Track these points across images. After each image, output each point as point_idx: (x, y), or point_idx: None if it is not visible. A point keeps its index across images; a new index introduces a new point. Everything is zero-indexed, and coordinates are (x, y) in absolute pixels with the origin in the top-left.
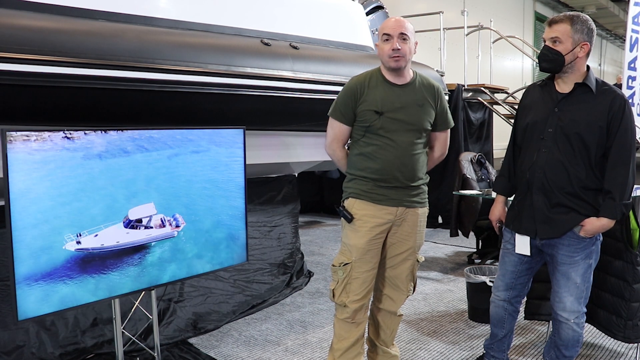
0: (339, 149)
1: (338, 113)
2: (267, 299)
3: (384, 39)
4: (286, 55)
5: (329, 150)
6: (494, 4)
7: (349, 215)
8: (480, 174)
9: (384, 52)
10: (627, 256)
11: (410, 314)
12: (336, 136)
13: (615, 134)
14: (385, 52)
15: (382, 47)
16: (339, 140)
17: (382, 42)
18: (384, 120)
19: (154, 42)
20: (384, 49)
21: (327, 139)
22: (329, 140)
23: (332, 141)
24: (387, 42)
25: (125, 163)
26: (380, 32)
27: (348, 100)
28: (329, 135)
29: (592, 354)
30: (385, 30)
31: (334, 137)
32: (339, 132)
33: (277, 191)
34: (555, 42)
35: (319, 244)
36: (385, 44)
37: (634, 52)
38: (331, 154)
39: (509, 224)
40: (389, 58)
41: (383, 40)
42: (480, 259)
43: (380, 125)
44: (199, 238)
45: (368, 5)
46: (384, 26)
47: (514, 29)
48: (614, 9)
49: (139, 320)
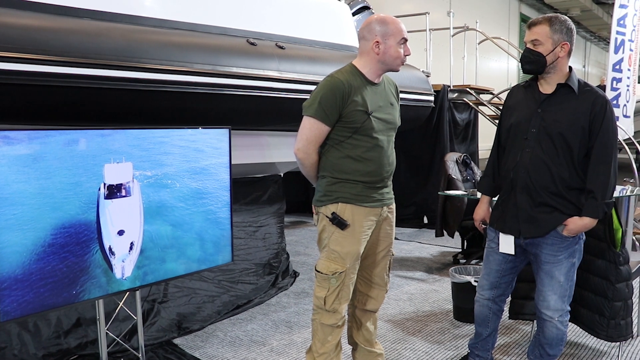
0: (314, 152)
1: (322, 113)
2: (252, 299)
3: (400, 43)
4: (272, 55)
5: (301, 154)
6: (480, 5)
7: (345, 222)
8: (466, 174)
9: (398, 55)
10: (610, 256)
11: (396, 314)
12: (315, 138)
13: (597, 134)
14: (399, 56)
15: (397, 50)
16: (317, 143)
17: (397, 45)
18: (372, 121)
19: (139, 41)
20: (399, 52)
21: (301, 141)
22: (304, 142)
23: (308, 144)
24: (402, 46)
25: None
26: (398, 35)
27: (336, 100)
28: (304, 137)
29: (575, 353)
30: (404, 35)
31: (312, 139)
32: (318, 133)
33: (262, 191)
34: (535, 44)
35: (304, 244)
36: (401, 48)
37: (619, 54)
38: (303, 159)
39: (493, 223)
40: (400, 62)
41: (400, 44)
42: (466, 259)
43: (370, 126)
44: (183, 239)
45: (354, 6)
46: (402, 29)
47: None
48: (598, 11)
49: (123, 321)
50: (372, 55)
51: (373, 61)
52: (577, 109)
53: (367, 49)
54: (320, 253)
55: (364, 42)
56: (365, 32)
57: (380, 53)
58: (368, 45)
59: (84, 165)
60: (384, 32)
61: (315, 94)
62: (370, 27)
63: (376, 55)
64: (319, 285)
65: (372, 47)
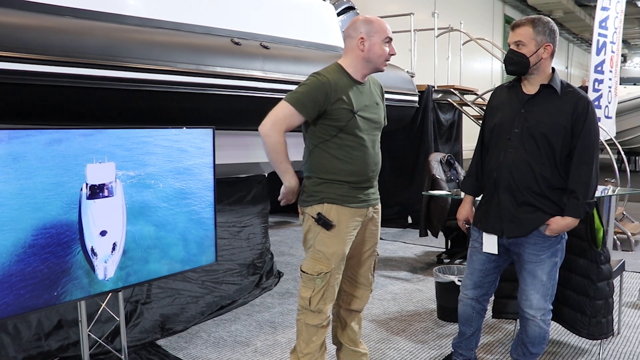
0: (279, 133)
1: (301, 104)
2: (236, 300)
3: (385, 41)
4: (257, 55)
5: (267, 130)
6: (464, 6)
7: (330, 222)
8: (450, 174)
9: (383, 54)
10: (592, 255)
11: (380, 314)
12: (284, 119)
13: (579, 135)
14: (383, 54)
15: (382, 49)
16: (283, 124)
17: (382, 44)
18: (358, 120)
19: (122, 40)
20: (384, 51)
21: (268, 117)
22: (273, 119)
23: (277, 122)
24: (387, 44)
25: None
26: (383, 34)
27: (319, 97)
28: (276, 115)
29: (557, 351)
30: (389, 34)
31: (281, 119)
32: (291, 119)
33: (246, 191)
34: (519, 45)
35: (288, 244)
36: (386, 47)
37: (601, 55)
38: (267, 134)
39: (477, 223)
40: (384, 60)
41: (384, 42)
42: (449, 258)
43: (355, 125)
44: (166, 239)
45: (339, 6)
46: (385, 28)
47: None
48: (580, 13)
49: (106, 322)
50: (357, 53)
51: (358, 59)
52: (559, 109)
53: (353, 46)
54: (306, 253)
55: (349, 40)
56: (350, 31)
57: (365, 50)
58: (353, 43)
59: (66, 165)
60: (369, 30)
61: (300, 87)
62: (356, 26)
63: (361, 53)
64: (304, 286)
65: (357, 44)
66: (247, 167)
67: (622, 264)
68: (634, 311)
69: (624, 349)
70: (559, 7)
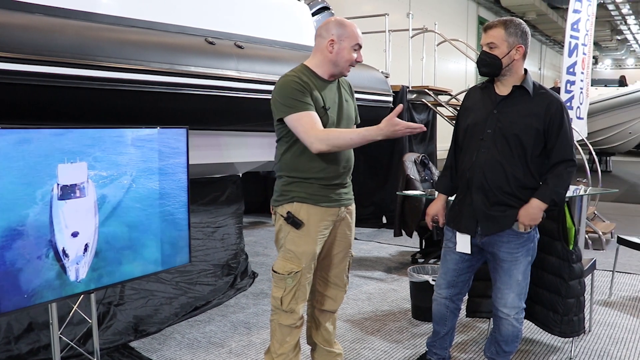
0: (321, 135)
1: (303, 104)
2: (210, 301)
3: (354, 48)
4: (231, 55)
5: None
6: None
7: (299, 221)
8: (424, 174)
9: (349, 59)
10: (563, 254)
11: (355, 314)
12: (313, 122)
13: (556, 136)
14: (350, 60)
15: (350, 54)
16: (318, 124)
17: (350, 49)
18: (329, 117)
19: (94, 38)
20: (351, 57)
21: (308, 137)
22: (311, 134)
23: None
24: (355, 51)
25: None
26: (354, 40)
27: (304, 91)
28: (306, 130)
29: (530, 349)
30: (360, 41)
31: (314, 127)
32: (315, 119)
33: (221, 191)
34: (491, 47)
35: (263, 245)
36: (354, 53)
37: (573, 57)
38: (322, 148)
39: (450, 222)
40: (349, 66)
41: (353, 48)
42: (424, 258)
43: (326, 122)
44: (139, 240)
45: (314, 6)
46: (357, 34)
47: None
48: (553, 15)
49: (78, 325)
50: (325, 54)
51: (325, 60)
52: (531, 110)
53: (322, 47)
54: (278, 253)
55: (319, 40)
56: (322, 31)
57: (334, 53)
58: (323, 44)
59: (36, 166)
60: (341, 34)
61: (281, 96)
62: (328, 27)
63: (329, 54)
64: (275, 286)
65: (327, 45)
66: (222, 167)
67: (594, 263)
68: (604, 309)
69: (595, 346)
70: (532, 9)
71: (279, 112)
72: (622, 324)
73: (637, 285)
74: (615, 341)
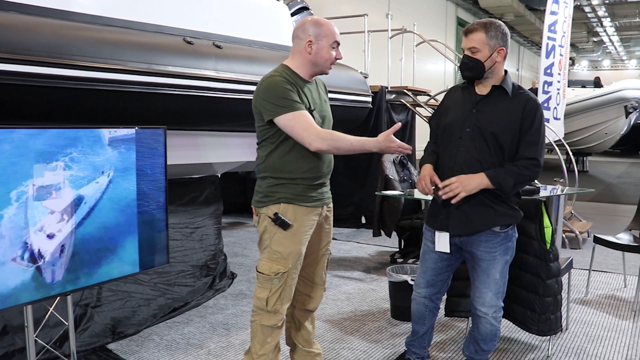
0: (320, 134)
1: (296, 103)
2: (189, 302)
3: (332, 46)
4: (209, 55)
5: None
6: (418, 8)
7: (288, 222)
8: (403, 174)
9: (329, 58)
10: (541, 253)
11: (334, 314)
12: (308, 121)
13: (526, 134)
14: (330, 58)
15: (329, 53)
16: (314, 123)
17: (329, 48)
18: (315, 117)
19: (71, 37)
20: (331, 55)
21: (306, 136)
22: (309, 133)
23: (313, 130)
24: (334, 49)
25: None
26: (332, 38)
27: (294, 93)
28: (303, 128)
29: (508, 348)
30: (337, 38)
31: (309, 124)
32: (309, 118)
33: (199, 192)
34: (473, 51)
35: (242, 245)
36: (332, 51)
37: (550, 58)
38: (321, 147)
39: (429, 222)
40: (330, 64)
41: (332, 46)
42: (403, 258)
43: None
44: (117, 241)
45: (293, 6)
46: (334, 32)
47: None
48: (531, 17)
49: (54, 327)
50: (305, 55)
51: (305, 61)
52: (509, 110)
53: (300, 48)
54: (261, 254)
55: (297, 42)
56: (299, 32)
57: (313, 53)
58: (301, 45)
59: (11, 166)
60: (318, 33)
61: (271, 96)
62: (305, 27)
63: (308, 55)
64: (260, 286)
65: (305, 46)
66: (200, 167)
67: (570, 262)
68: (581, 307)
69: (571, 344)
70: (510, 10)
71: (268, 113)
72: (598, 321)
73: (613, 284)
74: (591, 339)
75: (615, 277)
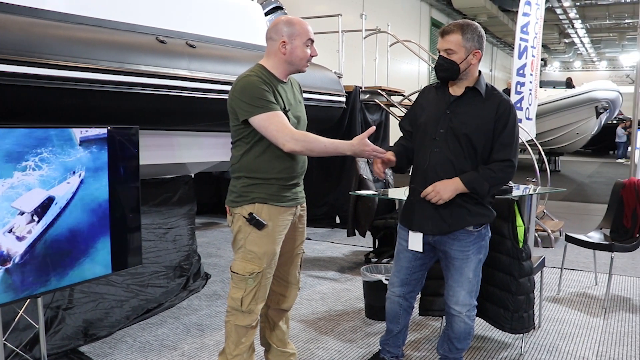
0: (295, 135)
1: (271, 104)
2: (162, 303)
3: (307, 44)
4: (182, 54)
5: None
6: (392, 8)
7: (263, 222)
8: None
9: (304, 56)
10: (513, 252)
11: (308, 314)
12: (283, 122)
13: (499, 136)
14: (305, 57)
15: (303, 51)
16: (288, 124)
17: (303, 46)
18: (290, 118)
19: (41, 35)
20: (306, 54)
21: (280, 137)
22: (283, 134)
23: (285, 131)
24: (308, 47)
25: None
26: (305, 36)
27: (270, 93)
28: (277, 129)
29: (482, 346)
30: (311, 36)
31: (283, 125)
32: (283, 119)
33: (172, 192)
34: (449, 53)
35: (216, 246)
36: (307, 49)
37: (523, 59)
38: (295, 147)
39: (403, 221)
40: (306, 62)
41: (306, 44)
42: (377, 257)
43: (290, 123)
44: (89, 242)
45: (267, 6)
46: (307, 30)
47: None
48: (504, 18)
49: (24, 330)
50: (279, 56)
51: (280, 61)
52: (483, 111)
53: (274, 49)
54: (235, 254)
55: (271, 43)
56: (272, 33)
57: (287, 53)
58: (275, 46)
59: None
60: (291, 33)
61: (246, 96)
62: (277, 28)
63: (283, 56)
64: (235, 287)
65: (279, 47)
66: (173, 167)
67: (543, 260)
68: (553, 305)
69: (544, 341)
70: (484, 11)
71: (243, 113)
72: (570, 319)
73: (585, 282)
74: (563, 336)
75: (586, 275)
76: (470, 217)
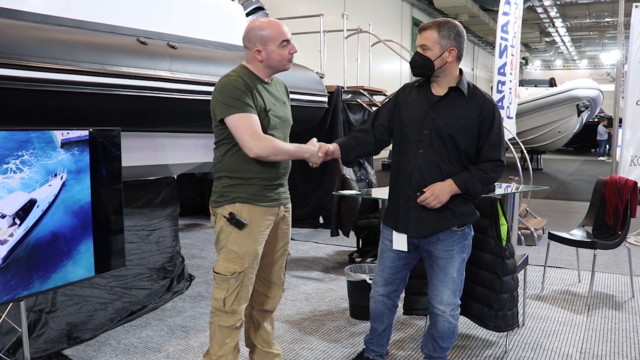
0: (263, 140)
1: (246, 106)
2: (146, 305)
3: (282, 45)
4: (163, 55)
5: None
6: (374, 8)
7: (243, 222)
8: (360, 174)
9: (283, 56)
10: (497, 250)
11: (293, 314)
12: (254, 126)
13: (486, 137)
14: (284, 57)
15: (279, 54)
16: (259, 129)
17: (279, 48)
18: (270, 118)
19: (21, 37)
20: (282, 55)
21: (247, 138)
22: (249, 138)
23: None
24: (285, 47)
25: None
26: (278, 39)
27: (247, 92)
28: (246, 132)
29: (466, 344)
30: (284, 36)
31: (253, 129)
32: (255, 122)
33: (155, 194)
34: (424, 49)
35: (200, 247)
36: (284, 49)
37: (503, 58)
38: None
39: (387, 221)
40: (287, 62)
41: (281, 46)
42: (361, 257)
43: (268, 123)
44: (71, 244)
45: (248, 6)
46: (281, 32)
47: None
48: (485, 17)
49: (7, 334)
50: (257, 63)
51: (260, 66)
52: (466, 111)
53: (251, 57)
54: (218, 254)
55: (247, 51)
56: (246, 42)
57: (264, 59)
58: (250, 54)
59: None
60: (263, 39)
61: (223, 95)
62: (249, 36)
63: (260, 62)
64: (217, 287)
65: (255, 55)
66: (156, 169)
67: (526, 258)
68: (537, 303)
69: (528, 339)
70: (465, 10)
71: (220, 112)
72: (554, 316)
73: (568, 279)
74: (547, 333)
75: (569, 272)
76: (454, 218)
